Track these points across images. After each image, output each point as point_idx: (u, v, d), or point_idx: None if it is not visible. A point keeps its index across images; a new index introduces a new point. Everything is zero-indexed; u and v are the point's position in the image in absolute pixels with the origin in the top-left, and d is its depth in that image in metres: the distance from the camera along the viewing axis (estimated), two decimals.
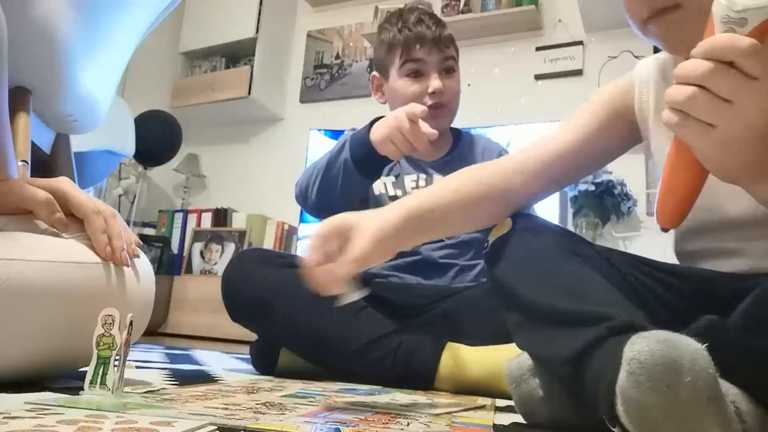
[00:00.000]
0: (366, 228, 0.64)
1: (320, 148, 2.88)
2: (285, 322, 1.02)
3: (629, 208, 2.40)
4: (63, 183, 0.68)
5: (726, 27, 0.42)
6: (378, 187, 1.25)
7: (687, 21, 0.56)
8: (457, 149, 1.31)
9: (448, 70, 1.24)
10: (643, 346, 0.40)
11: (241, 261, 1.13)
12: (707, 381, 0.40)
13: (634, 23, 0.61)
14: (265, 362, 1.09)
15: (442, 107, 1.22)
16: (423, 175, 1.26)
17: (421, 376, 0.96)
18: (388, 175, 1.26)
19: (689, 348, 0.40)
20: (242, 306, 1.08)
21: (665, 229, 0.49)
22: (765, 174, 0.44)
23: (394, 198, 1.24)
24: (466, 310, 1.02)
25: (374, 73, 1.31)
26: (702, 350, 0.40)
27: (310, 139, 2.95)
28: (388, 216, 0.67)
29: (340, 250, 0.64)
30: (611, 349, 0.48)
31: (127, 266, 0.68)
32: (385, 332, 1.00)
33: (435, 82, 1.20)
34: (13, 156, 0.72)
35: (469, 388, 0.93)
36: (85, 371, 0.56)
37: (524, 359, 0.63)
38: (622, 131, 0.73)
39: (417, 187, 1.25)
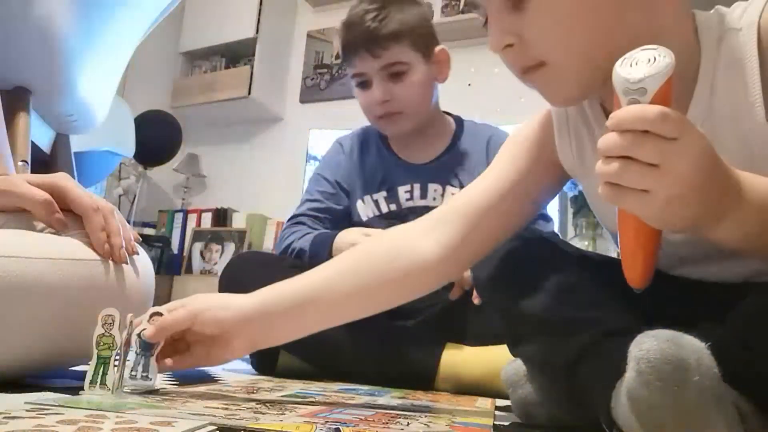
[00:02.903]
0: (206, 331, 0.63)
1: (320, 148, 2.88)
2: None
3: None
4: (62, 179, 0.68)
5: (629, 98, 0.44)
6: (365, 211, 1.17)
7: (556, 75, 0.57)
8: (455, 147, 1.20)
9: (395, 74, 1.11)
10: (652, 345, 0.40)
11: (238, 265, 1.11)
12: (713, 380, 0.40)
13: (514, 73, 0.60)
14: (265, 363, 1.08)
15: (393, 115, 1.13)
16: (417, 184, 1.16)
17: (421, 376, 0.96)
18: (379, 190, 1.18)
19: (694, 347, 0.40)
20: None
21: (639, 290, 0.49)
22: (712, 222, 0.46)
23: (389, 215, 1.16)
24: (467, 310, 1.02)
25: None
26: (706, 349, 0.40)
27: (310, 139, 2.95)
28: (235, 311, 0.64)
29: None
30: (607, 352, 0.48)
31: (126, 264, 0.68)
32: (385, 333, 1.00)
33: (376, 93, 1.10)
34: (9, 152, 0.72)
35: (469, 388, 0.93)
36: (85, 371, 0.56)
37: (520, 363, 0.63)
38: (548, 175, 0.68)
39: (411, 198, 1.16)
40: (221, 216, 3.21)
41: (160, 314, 0.61)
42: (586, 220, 2.40)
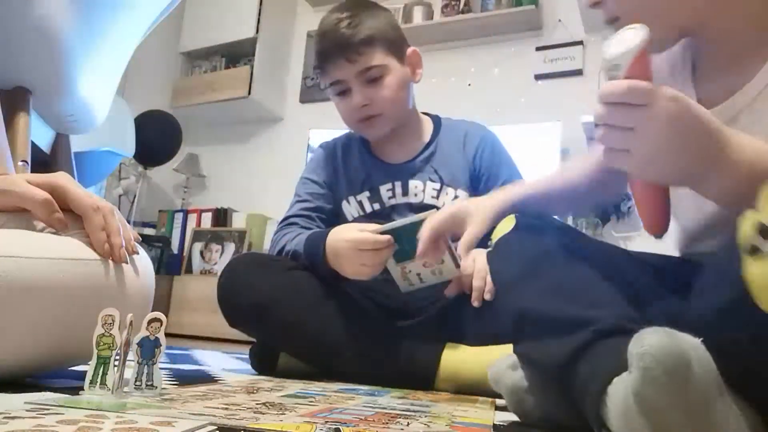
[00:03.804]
0: (476, 215, 0.82)
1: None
2: (283, 327, 1.01)
3: (629, 207, 2.40)
4: (62, 179, 0.68)
5: (609, 75, 0.52)
6: (350, 211, 1.19)
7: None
8: (432, 145, 1.21)
9: (372, 79, 1.13)
10: (653, 340, 0.40)
11: (236, 267, 1.10)
12: (714, 373, 0.40)
13: None
14: (264, 364, 1.08)
15: (374, 117, 1.15)
16: (398, 182, 1.18)
17: (421, 376, 0.96)
18: (362, 191, 1.19)
19: (690, 342, 0.40)
20: (239, 312, 1.06)
21: (659, 236, 0.57)
22: (697, 176, 0.52)
23: (373, 214, 1.17)
24: (467, 310, 1.02)
25: None
26: (700, 344, 0.40)
27: (310, 139, 2.96)
28: (495, 204, 0.82)
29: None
30: (598, 354, 0.48)
31: (126, 263, 0.68)
32: (385, 333, 1.00)
33: (355, 98, 1.13)
34: (8, 151, 0.72)
35: (469, 388, 0.93)
36: (85, 371, 0.56)
37: (503, 361, 0.66)
38: None
39: (393, 196, 1.18)
40: (221, 216, 3.21)
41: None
42: (586, 220, 2.40)
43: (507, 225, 0.68)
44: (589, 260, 0.60)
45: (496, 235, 0.68)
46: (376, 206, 1.18)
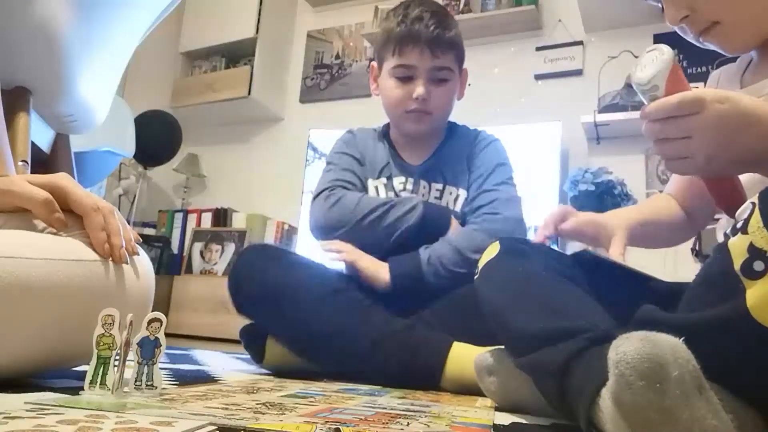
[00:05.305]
0: (617, 229, 0.82)
1: (322, 147, 2.88)
2: (293, 319, 1.02)
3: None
4: (62, 179, 0.68)
5: (649, 97, 0.57)
6: (371, 191, 1.26)
7: (730, 30, 0.70)
8: (441, 151, 1.26)
9: (439, 79, 1.17)
10: (629, 346, 0.40)
11: (250, 255, 1.12)
12: (693, 373, 0.40)
13: (691, 40, 0.74)
14: (255, 347, 1.11)
15: (424, 114, 1.18)
16: (410, 179, 1.25)
17: (427, 376, 0.96)
18: (379, 177, 1.26)
19: (669, 343, 0.40)
20: (250, 300, 1.07)
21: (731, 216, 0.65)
22: (755, 162, 0.57)
23: None
24: (474, 309, 1.02)
25: (373, 62, 1.27)
26: (681, 344, 0.41)
27: (310, 139, 2.95)
28: (626, 223, 0.83)
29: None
30: (593, 360, 0.48)
31: (126, 264, 0.68)
32: (393, 330, 1.00)
33: (419, 89, 1.15)
34: (9, 152, 0.72)
35: (473, 388, 0.93)
36: (85, 371, 0.56)
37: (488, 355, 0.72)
38: None
39: (404, 189, 1.24)
40: (221, 216, 3.21)
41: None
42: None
43: (492, 251, 0.70)
44: (572, 279, 0.63)
45: (482, 262, 0.70)
46: (390, 194, 1.24)
